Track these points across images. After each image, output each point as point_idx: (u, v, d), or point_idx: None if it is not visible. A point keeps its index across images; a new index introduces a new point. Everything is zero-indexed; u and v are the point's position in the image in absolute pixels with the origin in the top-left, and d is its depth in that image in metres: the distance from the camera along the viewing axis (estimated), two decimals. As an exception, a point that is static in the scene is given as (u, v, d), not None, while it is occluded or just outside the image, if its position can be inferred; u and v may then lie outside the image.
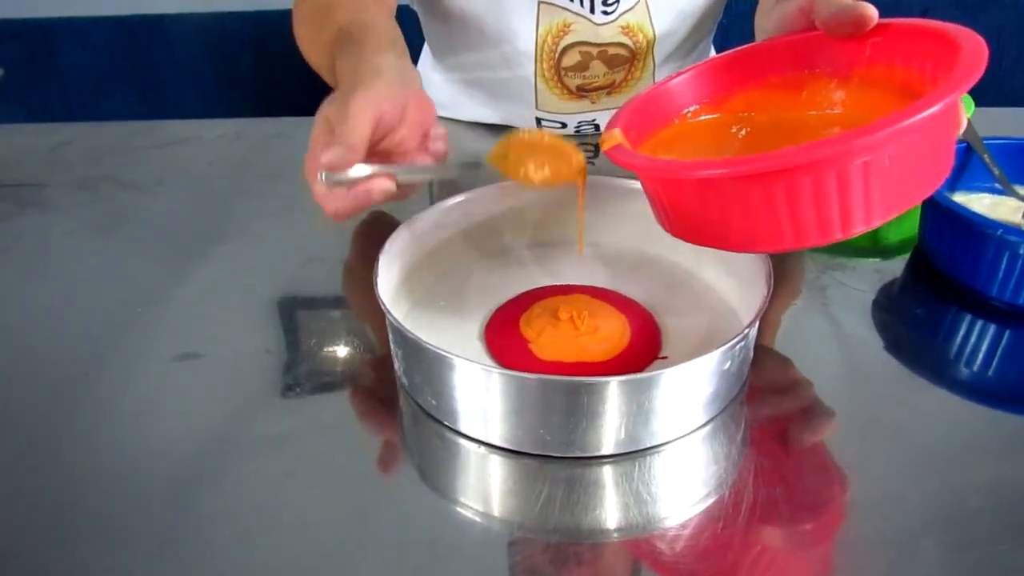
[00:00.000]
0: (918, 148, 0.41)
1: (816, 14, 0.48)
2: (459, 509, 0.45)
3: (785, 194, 0.40)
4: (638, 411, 0.44)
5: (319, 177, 0.51)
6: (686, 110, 0.54)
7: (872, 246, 0.69)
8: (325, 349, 0.56)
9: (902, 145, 0.40)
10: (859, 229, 0.42)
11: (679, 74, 0.54)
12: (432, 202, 0.61)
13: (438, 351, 0.44)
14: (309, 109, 0.72)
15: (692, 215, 0.45)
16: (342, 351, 0.56)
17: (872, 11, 0.47)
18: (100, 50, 1.49)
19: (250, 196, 0.76)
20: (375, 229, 0.68)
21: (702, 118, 0.54)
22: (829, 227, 0.41)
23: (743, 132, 0.52)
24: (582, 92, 0.80)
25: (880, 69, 0.49)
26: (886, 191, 0.41)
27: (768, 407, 0.51)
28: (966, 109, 0.69)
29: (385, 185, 0.52)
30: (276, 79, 1.52)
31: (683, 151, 0.52)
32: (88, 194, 0.78)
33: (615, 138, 0.48)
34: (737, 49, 0.54)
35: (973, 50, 0.41)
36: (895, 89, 0.47)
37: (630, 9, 0.75)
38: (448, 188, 0.63)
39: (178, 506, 0.45)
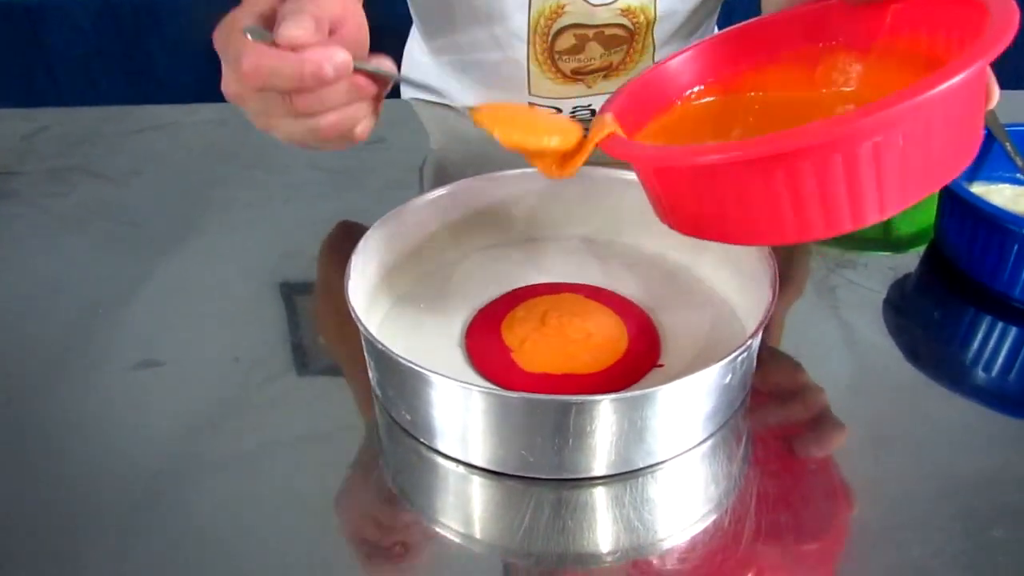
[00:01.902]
0: (938, 126, 0.36)
1: None
2: (438, 531, 0.41)
3: (786, 181, 0.36)
4: (631, 430, 0.41)
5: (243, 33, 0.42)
6: (688, 91, 0.50)
7: (884, 238, 0.65)
8: (299, 357, 0.52)
9: (918, 123, 0.35)
10: (872, 219, 0.37)
11: (680, 52, 0.50)
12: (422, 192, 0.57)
13: (410, 365, 0.41)
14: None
15: (688, 206, 0.41)
16: (319, 359, 0.53)
17: None
18: (88, 32, 1.46)
19: (228, 186, 0.73)
20: (348, 234, 0.64)
21: (706, 100, 0.50)
22: (837, 218, 0.37)
23: (751, 113, 0.47)
24: (577, 76, 0.76)
25: (903, 40, 0.44)
26: (902, 176, 0.36)
27: (773, 418, 0.47)
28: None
29: (340, 57, 0.41)
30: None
31: (685, 137, 0.47)
32: (58, 185, 0.74)
33: (607, 125, 0.44)
34: (745, 23, 0.50)
35: (1002, 15, 0.36)
36: (920, 61, 0.43)
37: None
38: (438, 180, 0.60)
39: (134, 527, 0.41)
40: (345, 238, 0.64)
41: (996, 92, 0.41)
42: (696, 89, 0.50)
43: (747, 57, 0.49)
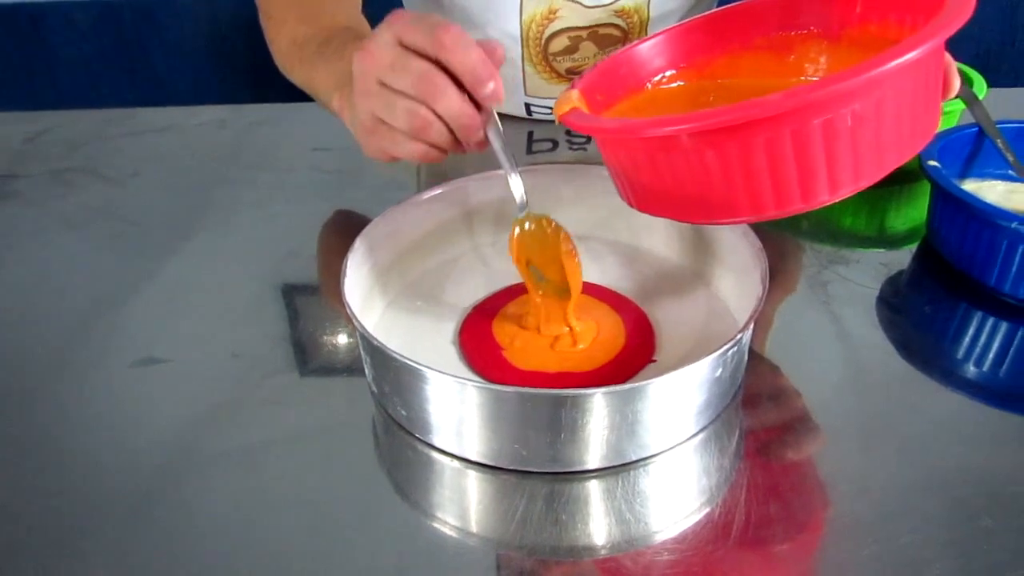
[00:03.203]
0: (888, 105, 0.36)
1: None
2: (434, 524, 0.42)
3: (738, 155, 0.37)
4: (623, 423, 0.41)
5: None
6: (660, 75, 0.50)
7: (878, 235, 0.65)
8: (299, 353, 0.53)
9: (868, 102, 0.35)
10: (823, 199, 0.38)
11: (654, 36, 0.50)
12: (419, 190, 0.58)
13: (405, 360, 0.41)
14: (302, 91, 0.69)
15: (645, 181, 0.42)
16: (317, 356, 0.53)
17: None
18: (89, 35, 1.47)
19: (229, 187, 0.73)
20: (346, 227, 0.65)
21: (677, 84, 0.50)
22: (787, 195, 0.38)
23: (720, 99, 0.48)
24: (572, 75, 0.77)
25: (873, 27, 0.45)
26: (855, 155, 0.36)
27: (765, 412, 0.48)
28: (977, 90, 0.65)
29: (501, 89, 0.45)
30: (270, 61, 1.48)
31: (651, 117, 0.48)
32: (61, 186, 0.75)
33: (571, 101, 0.44)
34: (718, 10, 0.50)
35: (956, 2, 0.37)
36: (889, 48, 0.44)
37: None
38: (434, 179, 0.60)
39: (136, 524, 0.42)
40: (346, 226, 0.64)
41: (956, 82, 0.42)
42: (668, 73, 0.50)
43: (720, 43, 0.49)
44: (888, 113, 0.36)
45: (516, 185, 0.49)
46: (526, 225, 0.50)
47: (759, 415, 0.47)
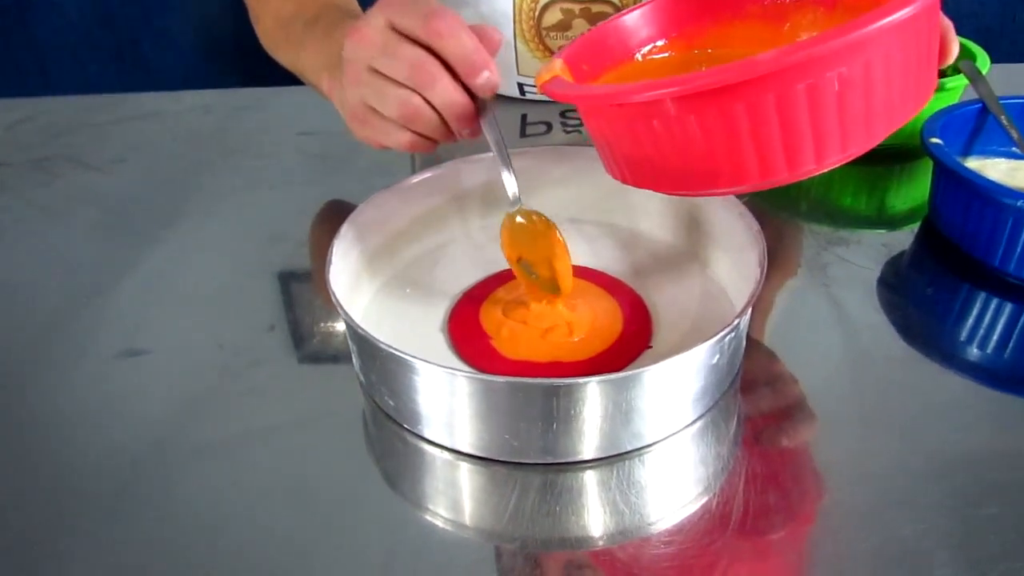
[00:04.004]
0: (877, 69, 0.35)
1: None
2: (425, 517, 0.41)
3: (719, 122, 0.35)
4: (616, 413, 0.40)
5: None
6: (651, 45, 0.49)
7: (878, 215, 0.64)
8: (286, 342, 0.52)
9: (855, 65, 0.34)
10: (809, 167, 0.36)
11: (642, 5, 0.49)
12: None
13: (391, 350, 0.40)
14: (291, 75, 0.68)
15: (628, 151, 0.40)
16: (304, 345, 0.52)
17: None
18: (75, 19, 1.45)
19: (214, 173, 0.72)
20: (340, 213, 0.64)
21: (667, 54, 0.48)
22: (772, 163, 0.36)
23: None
24: (565, 53, 0.75)
25: None
26: (843, 121, 0.35)
27: (764, 398, 0.46)
28: (981, 65, 0.64)
29: (496, 80, 0.44)
30: (258, 45, 1.47)
31: None
32: (43, 174, 0.73)
33: (554, 70, 0.43)
34: None
35: None
36: None
37: None
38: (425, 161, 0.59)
39: (117, 519, 0.41)
40: (340, 211, 0.63)
41: (955, 46, 0.40)
42: (658, 43, 0.48)
43: (712, 13, 0.48)
44: (877, 77, 0.35)
45: (509, 180, 0.48)
46: (517, 219, 0.49)
47: (757, 402, 0.46)
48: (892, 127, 0.37)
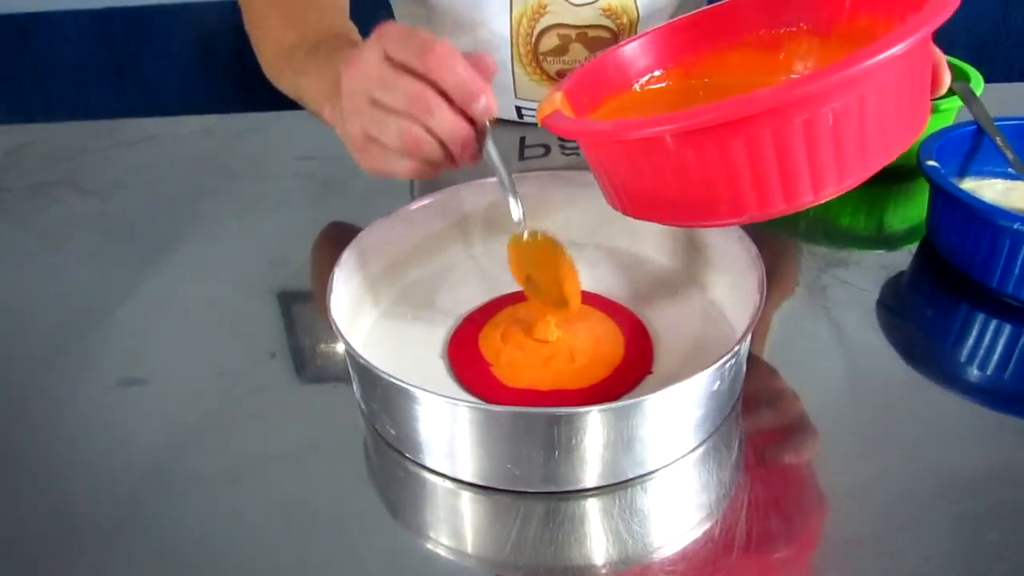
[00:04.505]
0: (871, 103, 0.35)
1: None
2: (427, 546, 0.41)
3: (717, 157, 0.36)
4: (618, 441, 0.40)
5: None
6: (648, 75, 0.49)
7: (876, 235, 0.64)
8: (286, 370, 0.52)
9: (849, 99, 0.34)
10: (806, 199, 0.37)
11: (640, 36, 0.49)
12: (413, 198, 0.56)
13: (391, 379, 0.40)
14: (291, 99, 0.68)
15: (627, 184, 0.41)
16: (305, 372, 0.52)
17: None
18: (77, 44, 1.46)
19: (214, 197, 0.72)
20: (341, 236, 0.64)
21: (664, 84, 0.49)
22: (769, 196, 0.37)
23: (707, 98, 0.47)
24: (562, 77, 0.76)
25: (863, 22, 0.44)
26: (839, 154, 0.35)
27: (765, 423, 0.46)
28: (975, 86, 0.64)
29: (494, 106, 0.44)
30: (258, 68, 1.47)
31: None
32: (42, 200, 0.73)
33: (554, 103, 0.43)
34: (707, 7, 0.49)
35: None
36: None
37: None
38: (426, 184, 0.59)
39: (116, 548, 0.41)
40: (341, 234, 0.63)
41: (947, 77, 0.40)
42: (656, 73, 0.49)
43: (708, 42, 0.48)
44: (871, 110, 0.35)
45: (513, 203, 0.48)
46: (524, 237, 0.49)
47: (759, 426, 0.46)
48: (887, 158, 0.37)
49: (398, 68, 0.43)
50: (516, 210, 0.49)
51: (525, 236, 0.49)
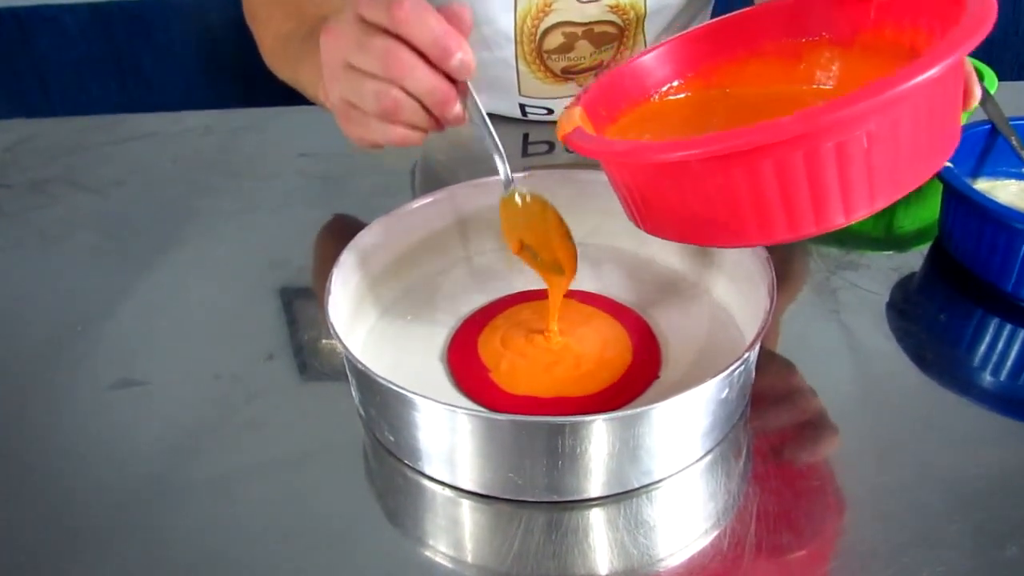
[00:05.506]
0: (905, 124, 0.34)
1: None
2: (427, 554, 0.40)
3: (746, 181, 0.34)
4: (623, 450, 0.39)
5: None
6: (667, 86, 0.48)
7: (886, 236, 0.63)
8: (284, 373, 0.51)
9: (884, 122, 0.33)
10: (838, 222, 0.35)
11: (659, 46, 0.48)
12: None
13: (389, 385, 0.39)
14: (293, 94, 0.67)
15: (651, 204, 0.40)
16: (303, 376, 0.51)
17: None
18: (77, 39, 1.45)
19: (213, 195, 0.71)
20: (343, 233, 0.63)
21: (683, 95, 0.48)
22: (800, 219, 0.35)
23: (727, 109, 0.46)
24: (568, 75, 0.74)
25: (887, 33, 0.42)
26: (871, 176, 0.34)
27: (781, 420, 0.45)
28: (989, 85, 0.63)
29: (471, 59, 0.42)
30: (261, 64, 1.46)
31: (657, 132, 0.46)
32: (41, 197, 0.72)
33: (574, 120, 0.42)
34: (726, 16, 0.48)
35: (977, 9, 0.34)
36: (904, 55, 0.41)
37: None
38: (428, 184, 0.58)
39: (111, 554, 0.40)
40: (343, 232, 0.62)
41: (977, 90, 0.39)
42: (675, 84, 0.48)
43: (727, 51, 0.47)
44: (907, 131, 0.34)
45: (500, 162, 0.47)
46: (516, 199, 0.48)
47: (774, 424, 0.45)
48: (921, 179, 0.36)
49: (371, 28, 0.41)
50: (503, 169, 0.47)
51: (517, 200, 0.48)
